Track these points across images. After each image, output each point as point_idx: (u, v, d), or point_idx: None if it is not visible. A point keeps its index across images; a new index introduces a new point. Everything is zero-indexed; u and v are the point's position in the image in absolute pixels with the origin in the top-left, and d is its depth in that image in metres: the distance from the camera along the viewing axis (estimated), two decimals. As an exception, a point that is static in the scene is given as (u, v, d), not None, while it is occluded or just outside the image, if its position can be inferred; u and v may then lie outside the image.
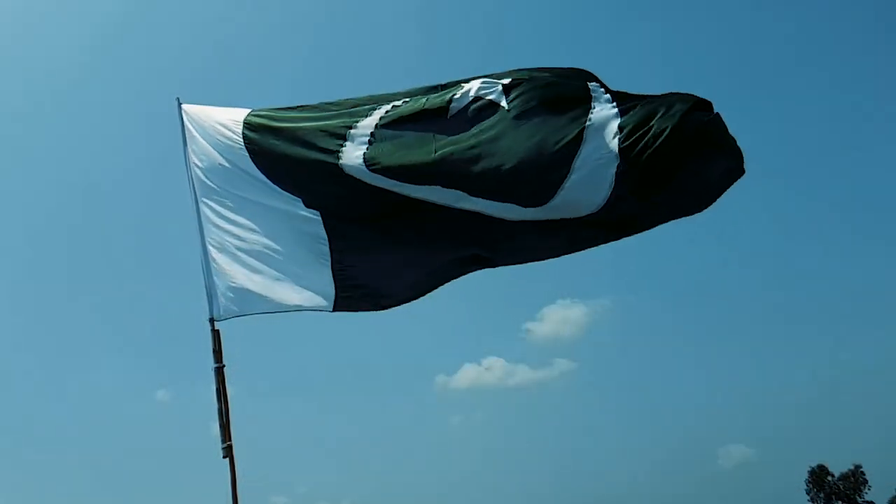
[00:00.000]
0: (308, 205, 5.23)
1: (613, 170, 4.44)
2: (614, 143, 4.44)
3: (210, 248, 5.45)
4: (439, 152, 4.75)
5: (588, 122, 4.55)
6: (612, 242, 4.90)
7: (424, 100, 5.03)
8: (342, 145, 5.00)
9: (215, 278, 5.38)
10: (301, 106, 5.42)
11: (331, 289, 5.18)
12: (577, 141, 4.53)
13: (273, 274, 5.28)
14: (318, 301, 5.22)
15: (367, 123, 5.05)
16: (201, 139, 5.61)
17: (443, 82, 5.10)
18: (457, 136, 4.79)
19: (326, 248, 5.19)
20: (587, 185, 4.49)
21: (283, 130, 5.27)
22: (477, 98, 4.88)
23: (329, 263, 5.18)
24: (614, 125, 4.49)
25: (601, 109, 4.58)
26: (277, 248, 5.31)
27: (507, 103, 4.77)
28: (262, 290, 5.26)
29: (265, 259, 5.31)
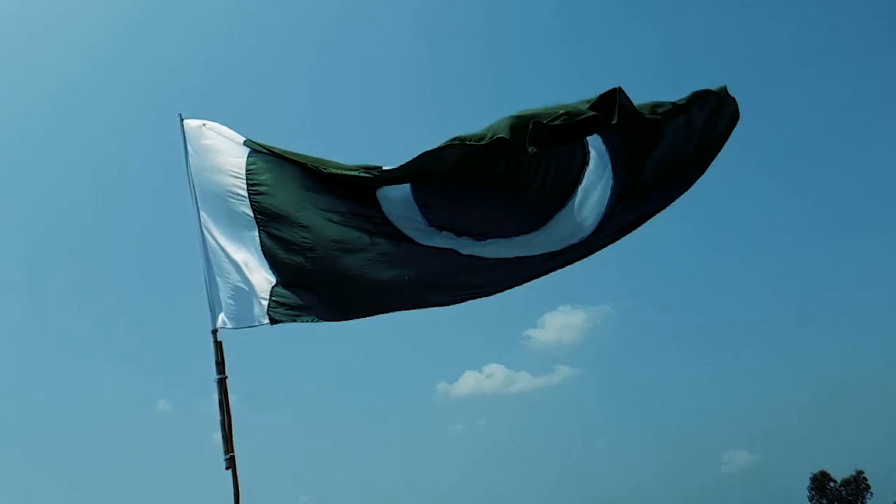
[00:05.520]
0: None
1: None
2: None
3: (212, 260, 5.50)
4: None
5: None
6: (612, 248, 5.05)
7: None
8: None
9: (218, 290, 5.44)
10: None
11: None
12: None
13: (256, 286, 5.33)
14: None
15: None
16: (202, 154, 5.67)
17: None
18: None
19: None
20: (578, 213, 4.79)
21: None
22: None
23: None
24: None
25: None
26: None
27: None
28: (257, 303, 5.28)
29: (258, 272, 5.35)
